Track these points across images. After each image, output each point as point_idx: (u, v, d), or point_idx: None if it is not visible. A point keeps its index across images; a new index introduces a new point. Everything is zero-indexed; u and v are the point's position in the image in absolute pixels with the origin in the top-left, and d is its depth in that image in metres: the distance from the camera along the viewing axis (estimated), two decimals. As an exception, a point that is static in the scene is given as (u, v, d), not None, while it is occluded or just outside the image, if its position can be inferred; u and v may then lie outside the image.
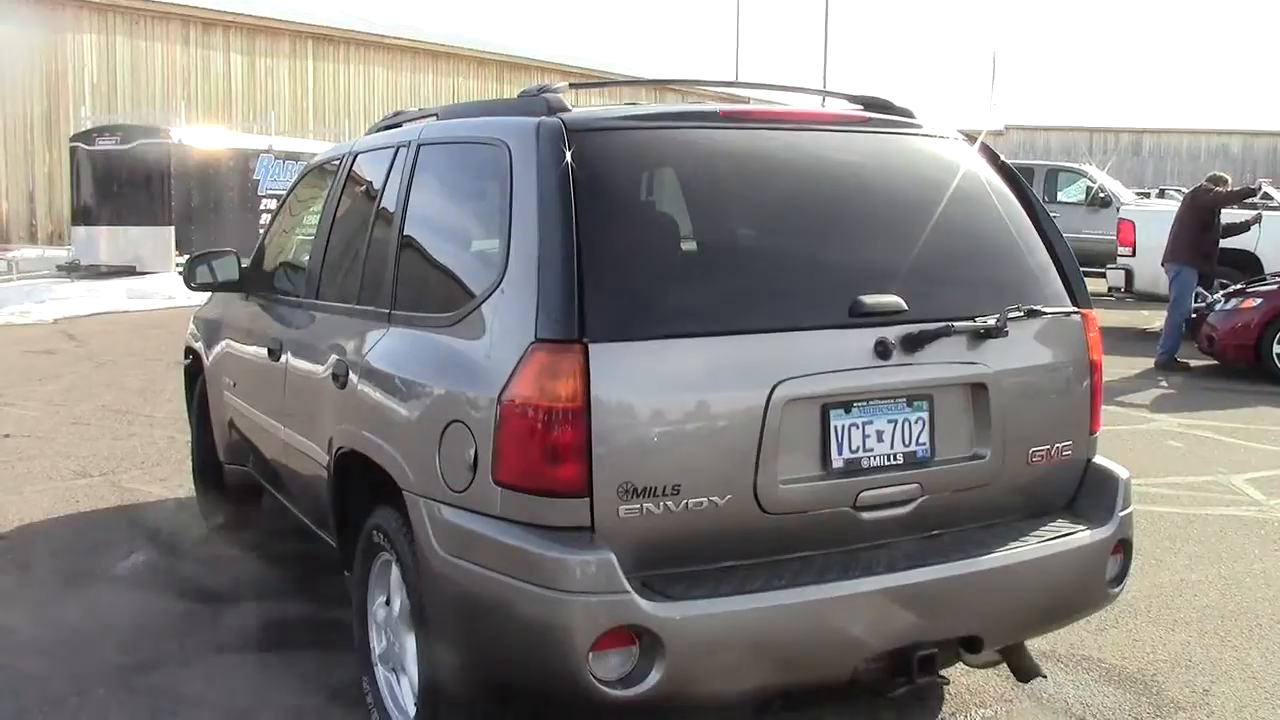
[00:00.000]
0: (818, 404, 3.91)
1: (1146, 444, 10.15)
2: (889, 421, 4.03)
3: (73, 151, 23.09)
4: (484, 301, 3.96)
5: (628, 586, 3.55)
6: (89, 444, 9.65)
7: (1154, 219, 16.68)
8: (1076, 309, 4.50)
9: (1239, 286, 14.41)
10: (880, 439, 4.02)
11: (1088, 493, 4.49)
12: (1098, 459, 4.56)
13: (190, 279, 6.30)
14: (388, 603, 4.44)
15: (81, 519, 7.64)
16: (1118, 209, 20.91)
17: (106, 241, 22.15)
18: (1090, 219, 23.36)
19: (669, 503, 3.68)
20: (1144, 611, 6.05)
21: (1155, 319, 15.14)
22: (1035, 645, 5.32)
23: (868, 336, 3.98)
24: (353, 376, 4.61)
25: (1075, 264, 4.58)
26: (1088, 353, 4.49)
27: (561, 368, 3.60)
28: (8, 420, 10.66)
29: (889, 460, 4.03)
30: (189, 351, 7.53)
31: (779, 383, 3.81)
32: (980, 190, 4.53)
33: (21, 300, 20.41)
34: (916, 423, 4.08)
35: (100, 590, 6.30)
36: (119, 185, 22.14)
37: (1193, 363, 14.27)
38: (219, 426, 6.85)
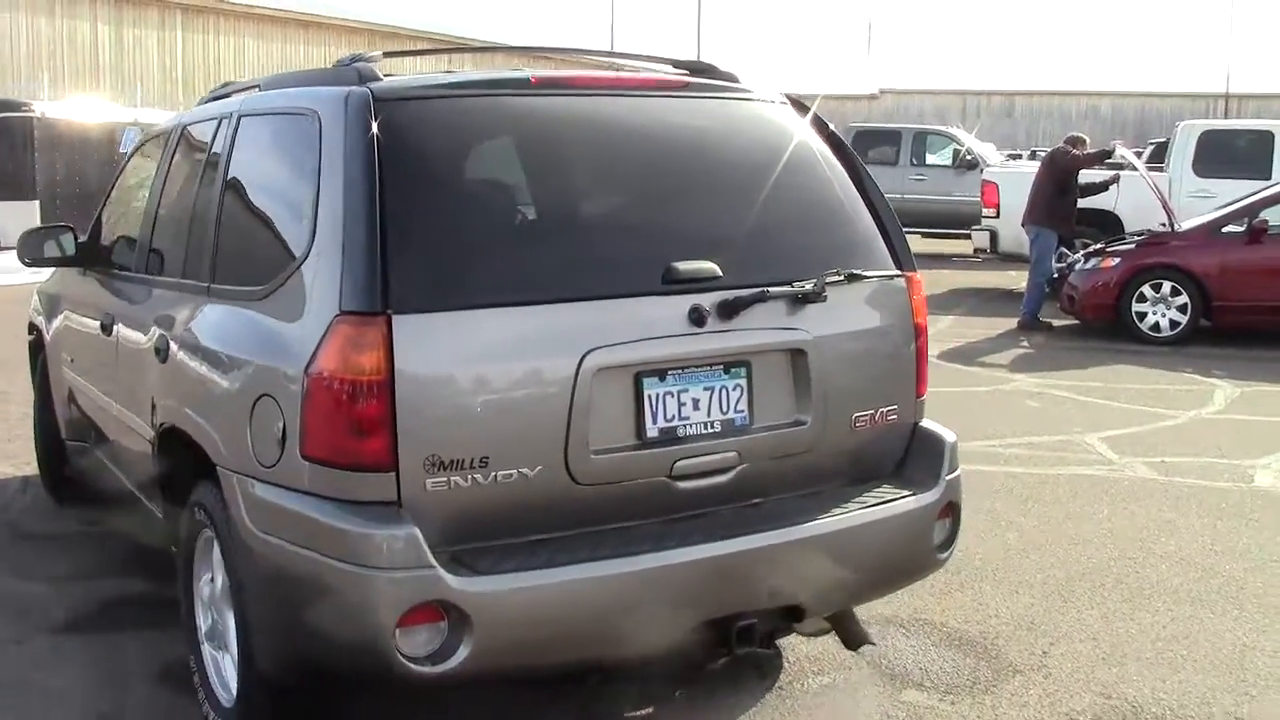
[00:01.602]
0: (630, 372, 3.87)
1: (1004, 404, 10.33)
2: (705, 389, 4.00)
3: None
4: (292, 275, 3.90)
5: (433, 561, 3.51)
6: (-61, 422, 9.40)
7: (1017, 180, 16.92)
8: (900, 272, 4.49)
9: (1099, 246, 14.63)
10: (696, 407, 3.98)
11: (915, 457, 4.50)
12: (925, 422, 4.57)
13: (24, 254, 6.14)
14: (212, 580, 4.37)
15: (-79, 499, 7.43)
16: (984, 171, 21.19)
17: (-27, 215, 21.65)
18: (959, 181, 23.74)
19: (477, 475, 3.64)
20: (990, 574, 6.09)
21: (1020, 280, 15.32)
22: (879, 610, 5.39)
23: (682, 303, 3.94)
24: (172, 350, 4.54)
25: (899, 228, 4.59)
26: (912, 316, 4.49)
27: (364, 340, 3.55)
28: None
29: (706, 428, 4.00)
30: (32, 327, 7.37)
31: (588, 351, 3.77)
32: (803, 155, 4.50)
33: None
34: (734, 390, 4.05)
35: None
36: (-17, 160, 21.64)
37: (1055, 323, 14.42)
38: (60, 403, 6.71)
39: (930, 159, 25.23)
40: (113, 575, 6.05)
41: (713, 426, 4.01)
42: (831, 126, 4.72)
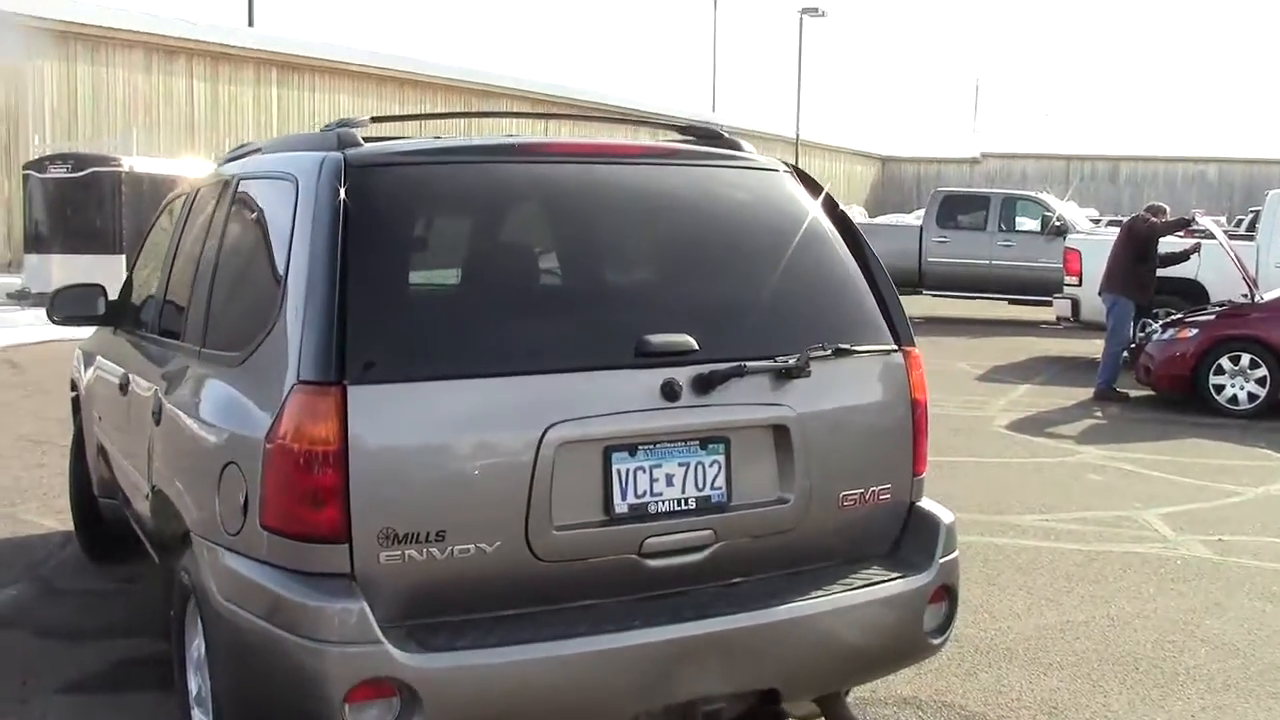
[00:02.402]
0: (598, 447, 3.79)
1: (1066, 477, 10.08)
2: (679, 465, 3.91)
3: (25, 179, 22.98)
4: (263, 342, 3.88)
5: (380, 637, 3.45)
6: (-6, 474, 9.51)
7: (1100, 248, 16.60)
8: (897, 347, 4.37)
9: (1178, 316, 14.34)
10: (670, 483, 3.89)
11: (910, 537, 4.37)
12: (924, 502, 4.45)
13: (54, 313, 6.19)
14: (198, 644, 4.33)
15: (-38, 552, 7.49)
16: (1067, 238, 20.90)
17: (58, 269, 21.96)
18: (1047, 248, 23.34)
19: (433, 550, 3.57)
20: (1020, 655, 5.91)
21: (1101, 348, 15.01)
22: (898, 689, 5.26)
23: (655, 377, 3.85)
24: (164, 412, 4.54)
25: (898, 300, 4.47)
26: (909, 392, 4.36)
27: (319, 410, 3.51)
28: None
29: (679, 505, 3.90)
30: (73, 384, 7.43)
31: (551, 425, 3.69)
32: (796, 226, 4.40)
33: (-30, 327, 20.26)
34: (711, 466, 3.95)
35: (-38, 627, 6.16)
36: (70, 213, 22.03)
37: (1132, 393, 14.14)
38: (91, 459, 6.74)
39: (1019, 224, 24.90)
40: (134, 634, 6.03)
41: (687, 503, 3.92)
42: (834, 197, 4.62)
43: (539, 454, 3.67)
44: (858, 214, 46.60)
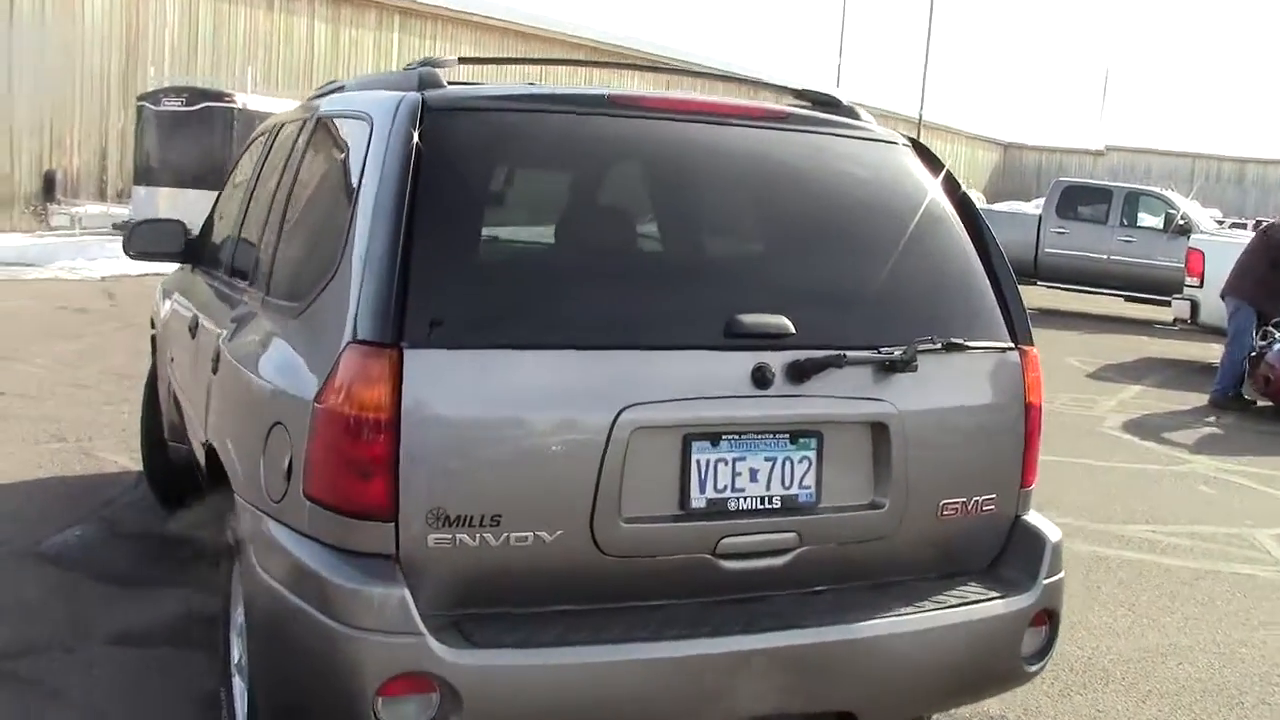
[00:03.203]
0: (677, 434, 3.45)
1: (1175, 487, 9.61)
2: (766, 459, 3.55)
3: (139, 111, 22.97)
4: (321, 293, 3.58)
5: (421, 628, 3.14)
6: (78, 408, 9.40)
7: (1225, 250, 15.99)
8: (1013, 345, 3.99)
9: (1304, 327, 13.72)
10: (754, 478, 3.54)
11: (1012, 554, 3.99)
12: (1029, 516, 4.06)
13: (130, 247, 5.96)
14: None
15: (37, 487, 7.38)
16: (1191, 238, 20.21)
17: (165, 202, 21.90)
18: (1168, 246, 22.62)
19: (487, 535, 3.25)
20: (1118, 678, 5.52)
21: (1220, 353, 14.41)
22: (985, 707, 4.90)
23: (745, 361, 3.49)
24: (222, 361, 4.28)
25: (1018, 295, 4.06)
26: (1024, 395, 3.97)
27: (371, 373, 3.20)
28: (10, 378, 10.45)
29: (763, 503, 3.56)
30: (152, 321, 7.24)
31: (626, 407, 3.35)
32: (913, 206, 4.02)
33: (74, 256, 20.37)
34: (801, 462, 3.59)
35: (20, 566, 6.02)
36: (181, 147, 21.94)
37: (1260, 401, 13.46)
38: (164, 402, 6.53)
39: (1141, 220, 24.15)
40: (194, 586, 5.78)
41: (771, 502, 3.57)
42: (958, 178, 4.21)
43: (611, 437, 3.34)
44: (977, 199, 45.96)
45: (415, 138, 3.45)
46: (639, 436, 3.38)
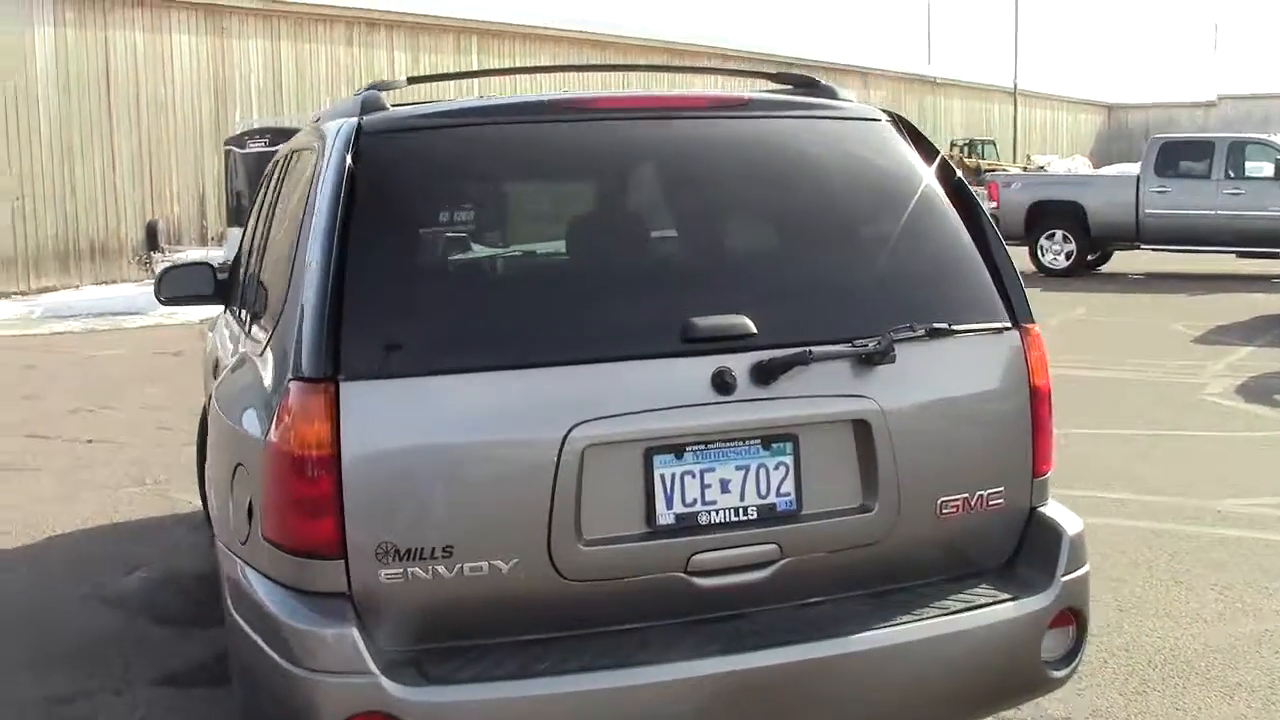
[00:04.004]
0: (638, 449, 3.29)
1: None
2: (737, 468, 3.37)
3: (227, 154, 23.34)
4: (275, 328, 3.51)
5: (372, 667, 3.06)
6: (159, 451, 9.52)
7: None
8: (1010, 324, 3.74)
9: None
10: (725, 489, 3.36)
11: (1028, 550, 3.74)
12: (1047, 508, 3.80)
13: (161, 292, 5.96)
14: None
15: (110, 530, 7.50)
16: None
17: (258, 242, 22.30)
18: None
19: (440, 567, 3.15)
20: (1201, 670, 5.12)
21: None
22: (1049, 708, 4.62)
23: (704, 366, 3.32)
24: (211, 401, 4.25)
25: (1015, 272, 3.81)
26: (1027, 378, 3.72)
27: (309, 409, 3.11)
28: (100, 425, 10.66)
29: (737, 515, 3.37)
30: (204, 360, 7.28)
31: (576, 424, 3.21)
32: (891, 185, 3.83)
33: (175, 301, 20.71)
34: (777, 469, 3.40)
35: (84, 610, 6.09)
36: (268, 187, 22.31)
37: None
38: (210, 441, 6.56)
39: (1249, 170, 23.34)
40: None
41: (746, 513, 3.38)
42: (939, 149, 3.99)
43: (561, 457, 3.19)
44: (1081, 165, 45.07)
45: (349, 163, 3.38)
46: (594, 453, 3.23)
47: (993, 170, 35.59)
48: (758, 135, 3.87)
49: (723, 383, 3.32)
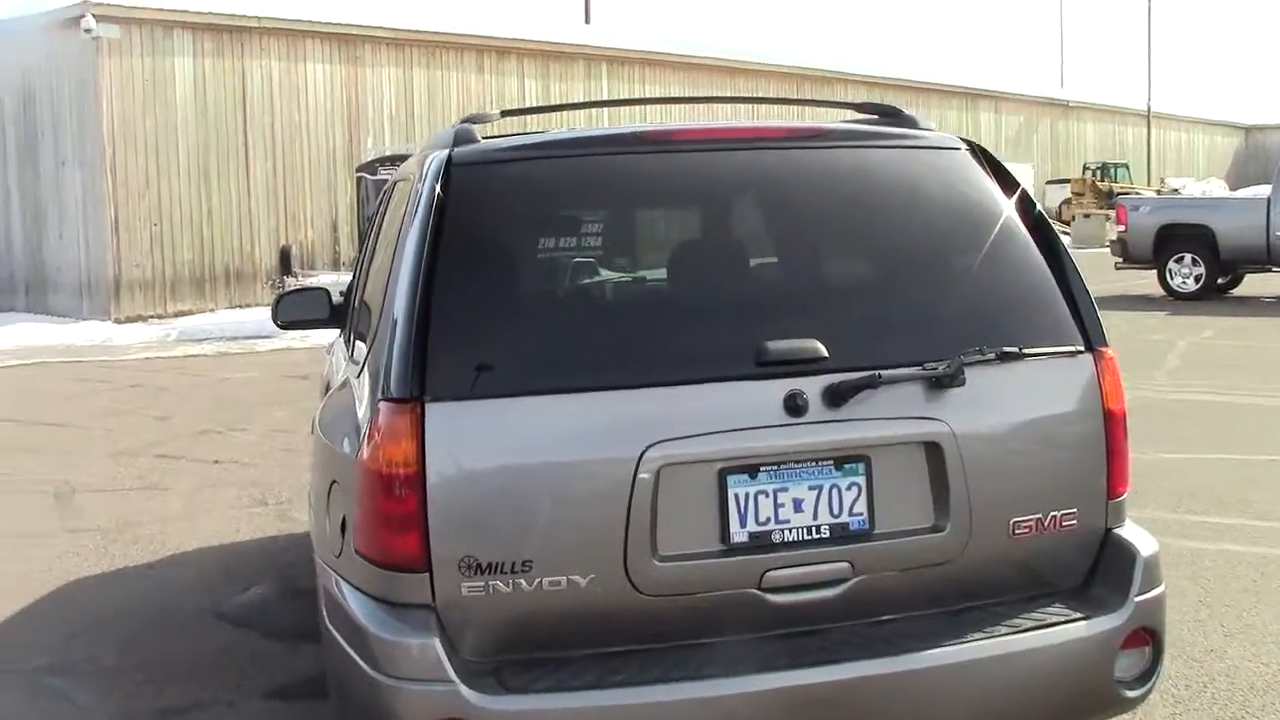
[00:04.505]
0: (712, 469, 3.40)
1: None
2: (810, 488, 3.46)
3: (358, 181, 23.77)
4: (370, 351, 3.70)
5: (452, 675, 3.20)
6: (283, 472, 9.79)
7: None
8: (1083, 348, 3.80)
9: None
10: (798, 508, 3.45)
11: (1104, 571, 3.77)
12: (1124, 529, 3.83)
13: (278, 316, 6.19)
14: None
15: (231, 549, 7.74)
16: None
17: (388, 267, 22.72)
18: None
19: (520, 581, 3.28)
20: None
21: None
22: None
23: (776, 389, 3.42)
24: (314, 421, 4.43)
25: (1090, 298, 3.86)
26: (1101, 401, 3.76)
27: (396, 428, 3.27)
28: (228, 447, 11.00)
29: (810, 533, 3.46)
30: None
31: (651, 445, 3.33)
32: (965, 212, 3.91)
33: (305, 325, 21.22)
34: (850, 489, 3.48)
35: (201, 625, 6.31)
36: (399, 212, 22.70)
37: None
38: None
39: None
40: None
41: (819, 531, 3.47)
42: (1017, 178, 4.06)
43: (636, 477, 3.32)
44: (1217, 188, 44.25)
45: (438, 194, 3.55)
46: (669, 473, 3.35)
47: (1125, 194, 35.16)
48: (836, 164, 3.97)
49: (795, 405, 3.42)
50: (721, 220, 3.94)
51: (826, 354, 3.47)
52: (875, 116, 4.29)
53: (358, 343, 4.32)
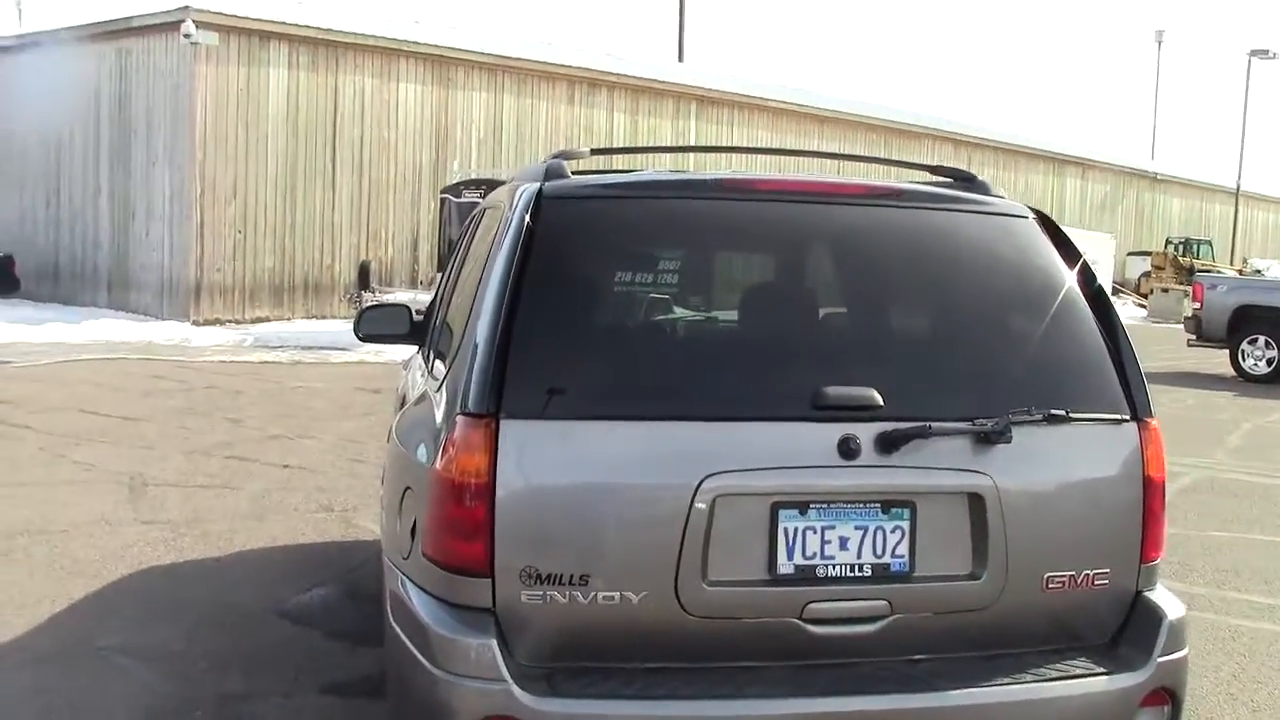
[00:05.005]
0: (765, 502, 3.60)
1: None
2: (856, 528, 3.66)
3: (442, 202, 24.12)
4: (450, 367, 3.92)
5: (506, 675, 3.41)
6: (350, 481, 10.03)
7: None
8: (1129, 417, 3.95)
9: None
10: (844, 546, 3.65)
11: (1132, 630, 3.92)
12: (1154, 593, 3.98)
13: (360, 329, 6.43)
14: None
15: (295, 551, 7.98)
16: None
17: (465, 288, 22.99)
18: None
19: (577, 593, 3.50)
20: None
21: None
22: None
23: (832, 432, 3.62)
24: (391, 431, 4.65)
25: (1139, 369, 4.02)
26: (1142, 469, 3.91)
27: (472, 442, 3.49)
28: (299, 452, 11.29)
29: (853, 570, 3.65)
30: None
31: (708, 475, 3.53)
32: (1026, 279, 4.10)
33: (380, 339, 21.56)
34: (894, 532, 3.68)
35: (265, 621, 6.54)
36: (480, 236, 23.00)
37: None
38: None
39: None
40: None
41: (861, 570, 3.66)
42: (1078, 249, 4.22)
43: (693, 505, 3.52)
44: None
45: (528, 223, 3.77)
46: (723, 504, 3.55)
47: (1206, 271, 34.97)
48: (906, 224, 4.18)
49: (848, 449, 3.61)
50: (792, 268, 4.15)
51: (881, 403, 3.67)
52: (951, 180, 4.47)
53: (437, 360, 4.53)
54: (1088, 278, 4.13)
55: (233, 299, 25.01)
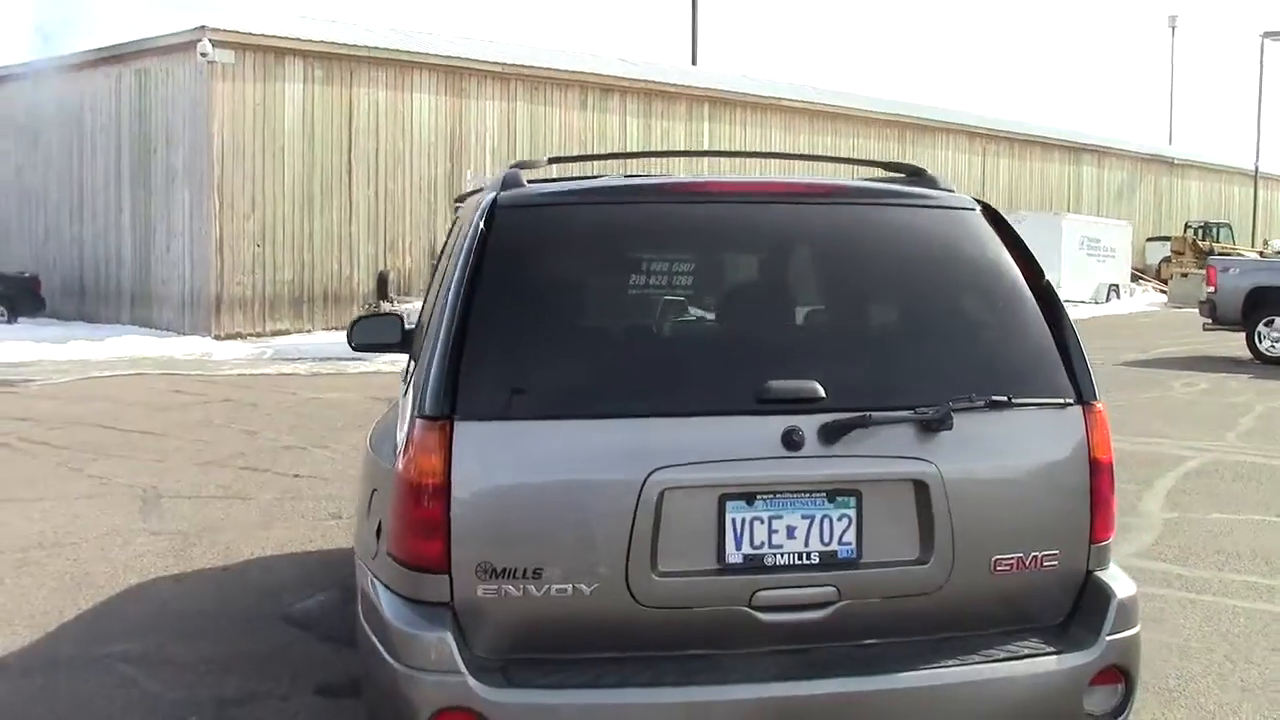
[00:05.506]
0: (713, 495, 3.71)
1: None
2: (803, 517, 3.76)
3: (455, 211, 24.30)
4: (414, 373, 4.08)
5: (462, 667, 3.54)
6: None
7: None
8: (1072, 401, 4.03)
9: None
10: (791, 535, 3.75)
11: (1082, 610, 4.00)
12: (1105, 572, 4.06)
13: (353, 339, 6.57)
14: None
15: (302, 558, 8.14)
16: None
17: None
18: None
19: (530, 586, 3.63)
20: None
21: None
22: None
23: (775, 424, 3.72)
24: (368, 437, 4.81)
25: (1083, 353, 4.11)
26: (1087, 451, 3.99)
27: (428, 443, 3.63)
28: (312, 462, 11.46)
29: (800, 559, 3.75)
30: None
31: (655, 469, 3.65)
32: (969, 269, 4.20)
33: (399, 348, 21.78)
34: (840, 520, 3.78)
35: (267, 625, 6.71)
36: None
37: None
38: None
39: None
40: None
41: (809, 558, 3.76)
42: (1021, 238, 4.31)
43: (640, 498, 3.64)
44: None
45: (481, 230, 3.92)
46: (671, 497, 3.67)
47: (1225, 254, 34.84)
48: (851, 219, 4.29)
49: (791, 440, 3.72)
50: (739, 267, 4.27)
51: (824, 394, 3.78)
52: (902, 175, 4.59)
53: (412, 365, 4.68)
54: (1031, 266, 4.21)
55: (252, 312, 25.26)
